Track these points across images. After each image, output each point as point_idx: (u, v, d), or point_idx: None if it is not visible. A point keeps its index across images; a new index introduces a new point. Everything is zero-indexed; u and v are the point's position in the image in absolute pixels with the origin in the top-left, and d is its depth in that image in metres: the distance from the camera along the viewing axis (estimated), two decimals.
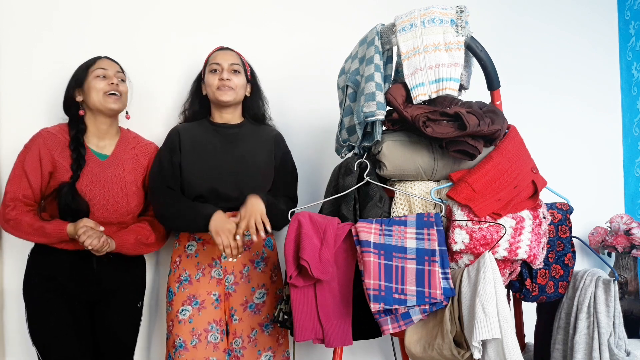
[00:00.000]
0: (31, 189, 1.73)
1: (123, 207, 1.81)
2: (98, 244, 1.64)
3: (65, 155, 1.75)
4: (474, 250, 1.52)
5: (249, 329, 1.83)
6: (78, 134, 1.78)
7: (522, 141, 1.68)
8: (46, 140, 1.75)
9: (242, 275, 1.84)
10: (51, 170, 1.74)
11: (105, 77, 1.80)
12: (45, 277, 1.73)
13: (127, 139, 1.90)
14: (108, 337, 1.82)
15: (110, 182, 1.79)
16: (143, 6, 2.15)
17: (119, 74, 1.84)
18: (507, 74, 1.91)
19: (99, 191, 1.76)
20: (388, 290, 1.47)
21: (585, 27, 2.76)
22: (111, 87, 1.79)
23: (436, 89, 1.60)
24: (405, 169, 1.65)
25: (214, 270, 1.83)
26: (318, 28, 2.37)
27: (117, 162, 1.83)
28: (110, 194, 1.78)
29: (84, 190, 1.74)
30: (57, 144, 1.76)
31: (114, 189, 1.79)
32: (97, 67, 1.80)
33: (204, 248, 1.83)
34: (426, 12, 1.61)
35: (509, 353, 1.41)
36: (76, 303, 1.74)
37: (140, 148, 1.91)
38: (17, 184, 1.72)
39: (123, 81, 1.86)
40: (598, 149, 2.75)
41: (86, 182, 1.75)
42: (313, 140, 2.32)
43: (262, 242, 1.90)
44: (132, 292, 1.88)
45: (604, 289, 1.62)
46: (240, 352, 1.82)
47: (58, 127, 1.81)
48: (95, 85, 1.78)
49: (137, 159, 1.88)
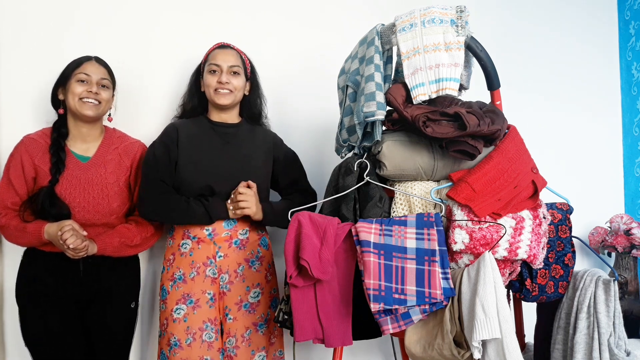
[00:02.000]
0: (18, 196, 1.76)
1: (104, 208, 1.80)
2: (80, 243, 1.65)
3: (45, 159, 1.77)
4: (474, 250, 1.52)
5: (243, 329, 1.83)
6: (59, 137, 1.79)
7: (522, 141, 1.68)
8: (27, 147, 1.77)
9: (236, 275, 1.84)
10: (34, 176, 1.76)
11: (86, 83, 1.79)
12: (33, 279, 1.76)
13: (111, 139, 1.89)
14: (102, 338, 1.82)
15: (91, 184, 1.79)
16: (140, 3, 2.15)
17: (103, 80, 1.82)
18: (507, 75, 1.91)
19: (78, 193, 1.77)
20: (388, 290, 1.47)
21: (585, 27, 2.76)
22: (89, 94, 1.78)
23: (436, 89, 1.60)
24: (405, 169, 1.65)
25: (208, 269, 1.82)
26: (318, 28, 2.37)
27: (99, 164, 1.83)
28: (90, 196, 1.78)
29: (64, 194, 1.75)
30: (38, 149, 1.77)
31: (94, 190, 1.79)
32: (81, 70, 1.79)
33: (199, 247, 1.83)
34: (426, 12, 1.61)
35: (509, 353, 1.41)
36: (65, 304, 1.76)
37: (124, 148, 1.90)
38: (5, 192, 1.76)
39: (106, 87, 1.83)
40: (598, 148, 2.75)
41: (66, 185, 1.76)
42: (313, 140, 2.32)
43: (258, 241, 1.90)
44: (125, 292, 1.88)
45: (604, 289, 1.62)
46: (234, 352, 1.82)
47: (41, 132, 1.82)
48: (74, 90, 1.78)
49: (119, 159, 1.87)
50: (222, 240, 1.83)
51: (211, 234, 1.82)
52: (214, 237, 1.83)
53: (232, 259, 1.84)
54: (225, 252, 1.83)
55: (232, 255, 1.84)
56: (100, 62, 1.85)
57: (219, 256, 1.83)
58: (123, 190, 1.86)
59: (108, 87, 1.84)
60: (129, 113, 2.05)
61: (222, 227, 1.84)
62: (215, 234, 1.83)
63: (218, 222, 1.83)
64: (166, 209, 1.80)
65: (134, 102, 2.07)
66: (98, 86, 1.80)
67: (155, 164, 1.83)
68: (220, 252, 1.83)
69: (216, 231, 1.83)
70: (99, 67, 1.83)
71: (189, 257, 1.83)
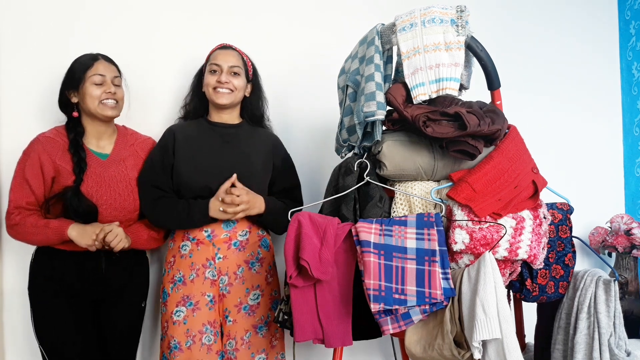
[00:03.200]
0: (34, 196, 1.73)
1: (130, 205, 1.81)
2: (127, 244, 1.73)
3: (66, 158, 1.75)
4: (474, 250, 1.52)
5: (243, 331, 1.82)
6: (77, 136, 1.78)
7: (522, 141, 1.67)
8: (45, 146, 1.75)
9: (236, 277, 1.83)
10: (54, 175, 1.74)
11: (102, 84, 1.78)
12: (50, 279, 1.74)
13: (125, 136, 1.90)
14: (114, 336, 1.83)
15: (115, 181, 1.79)
16: (143, 4, 2.15)
17: (116, 78, 1.82)
18: (507, 74, 1.91)
19: (104, 191, 1.76)
20: (388, 291, 1.47)
21: (586, 26, 2.75)
22: (108, 95, 1.78)
23: (436, 88, 1.60)
24: (406, 169, 1.65)
25: (208, 271, 1.82)
26: (318, 28, 2.36)
27: (118, 160, 1.83)
28: (116, 193, 1.78)
29: (91, 192, 1.74)
30: (57, 148, 1.75)
31: (119, 187, 1.79)
32: (94, 72, 1.77)
33: (198, 248, 1.83)
34: (426, 12, 1.61)
35: (509, 353, 1.40)
36: (81, 304, 1.76)
37: (139, 144, 1.91)
38: (19, 192, 1.73)
39: (119, 86, 1.83)
40: (598, 148, 2.75)
41: (91, 183, 1.75)
42: (313, 140, 2.32)
43: (258, 242, 1.89)
44: (137, 291, 1.90)
45: (604, 289, 1.62)
46: (234, 354, 1.82)
47: (55, 131, 1.80)
48: (92, 93, 1.76)
49: (137, 154, 1.88)
50: (221, 241, 1.83)
51: (210, 236, 1.82)
52: (213, 239, 1.82)
53: (231, 261, 1.83)
54: (224, 254, 1.83)
55: (232, 256, 1.83)
56: (108, 60, 1.84)
57: (218, 258, 1.82)
58: None
59: (120, 85, 1.85)
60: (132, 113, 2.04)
61: (221, 229, 1.83)
62: (214, 236, 1.82)
63: (217, 224, 1.82)
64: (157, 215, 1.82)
65: (137, 102, 2.07)
66: (113, 85, 1.80)
67: (150, 169, 1.84)
68: (220, 254, 1.82)
69: (215, 232, 1.83)
70: (110, 66, 1.83)
71: (189, 259, 1.83)
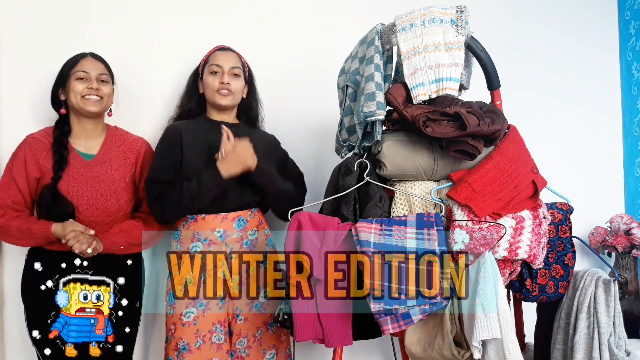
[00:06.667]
0: (21, 194, 1.74)
1: (113, 205, 1.80)
2: (89, 251, 1.65)
3: (49, 158, 1.75)
4: (474, 250, 1.52)
5: (255, 329, 1.84)
6: (61, 135, 1.78)
7: (522, 141, 1.68)
8: (31, 146, 1.76)
9: (247, 275, 1.84)
10: (38, 176, 1.75)
11: (85, 80, 1.78)
12: (39, 278, 1.74)
13: (114, 136, 1.89)
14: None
15: (97, 181, 1.78)
16: (142, 5, 2.15)
17: (102, 75, 1.81)
18: (507, 74, 1.90)
19: (85, 191, 1.76)
20: (388, 290, 1.47)
21: (586, 26, 2.75)
22: (90, 91, 1.77)
23: (436, 88, 1.60)
24: (405, 168, 1.65)
25: (220, 271, 1.81)
26: (318, 28, 2.36)
27: (104, 161, 1.82)
28: (98, 193, 1.77)
29: (70, 191, 1.73)
30: (42, 149, 1.76)
31: (102, 187, 1.78)
32: (78, 68, 1.78)
33: (210, 248, 1.82)
34: (426, 12, 1.61)
35: (509, 353, 1.41)
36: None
37: (128, 144, 1.90)
38: (5, 191, 1.73)
39: (106, 82, 1.83)
40: (598, 148, 2.75)
41: (72, 182, 1.74)
42: (313, 140, 2.32)
43: (265, 241, 1.90)
44: (129, 291, 1.87)
45: (604, 289, 1.62)
46: (245, 352, 1.82)
47: (43, 132, 1.81)
48: (75, 88, 1.77)
49: (124, 155, 1.87)
50: (234, 241, 1.83)
51: (222, 236, 1.82)
52: (225, 239, 1.82)
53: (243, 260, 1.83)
54: (236, 254, 1.82)
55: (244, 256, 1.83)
56: (96, 58, 1.84)
57: (230, 257, 1.82)
58: (129, 186, 1.86)
59: (107, 81, 1.84)
60: (131, 113, 2.04)
61: (233, 228, 1.83)
62: (226, 235, 1.82)
63: (229, 223, 1.82)
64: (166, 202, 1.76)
65: (135, 101, 2.07)
66: (98, 82, 1.79)
67: (157, 167, 1.82)
68: (232, 254, 1.82)
69: (227, 232, 1.83)
70: (96, 63, 1.82)
71: (200, 260, 1.80)
